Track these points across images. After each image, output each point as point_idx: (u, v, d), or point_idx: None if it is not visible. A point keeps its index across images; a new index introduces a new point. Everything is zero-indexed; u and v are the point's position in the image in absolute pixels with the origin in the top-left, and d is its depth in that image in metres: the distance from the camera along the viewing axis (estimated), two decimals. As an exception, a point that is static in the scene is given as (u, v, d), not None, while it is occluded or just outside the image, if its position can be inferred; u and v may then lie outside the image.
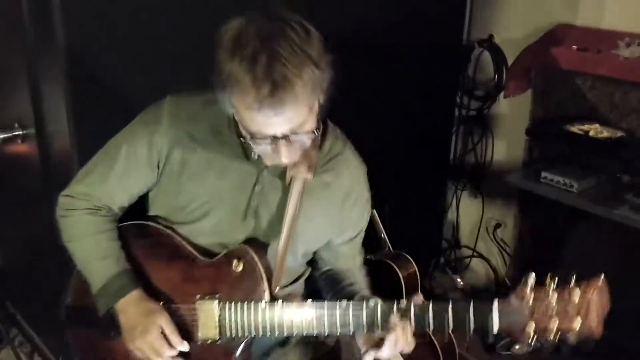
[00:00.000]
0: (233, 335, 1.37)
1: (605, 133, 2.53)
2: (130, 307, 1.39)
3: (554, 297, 1.19)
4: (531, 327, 1.20)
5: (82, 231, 1.45)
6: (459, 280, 3.55)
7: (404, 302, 1.30)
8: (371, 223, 2.61)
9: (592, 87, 2.71)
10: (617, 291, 2.62)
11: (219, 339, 1.38)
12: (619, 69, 2.53)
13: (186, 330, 1.40)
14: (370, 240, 2.54)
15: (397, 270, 2.49)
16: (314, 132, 1.24)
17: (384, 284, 2.49)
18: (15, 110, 2.34)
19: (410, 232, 3.13)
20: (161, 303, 1.41)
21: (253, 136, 1.22)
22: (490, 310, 1.22)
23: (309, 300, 1.34)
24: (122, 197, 1.47)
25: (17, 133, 2.27)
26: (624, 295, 2.64)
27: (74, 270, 1.52)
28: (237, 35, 1.17)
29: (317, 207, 1.44)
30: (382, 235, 2.59)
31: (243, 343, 1.38)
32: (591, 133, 2.53)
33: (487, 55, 3.19)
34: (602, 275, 1.20)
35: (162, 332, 1.37)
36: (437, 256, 3.64)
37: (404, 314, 1.28)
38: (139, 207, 1.52)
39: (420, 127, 3.14)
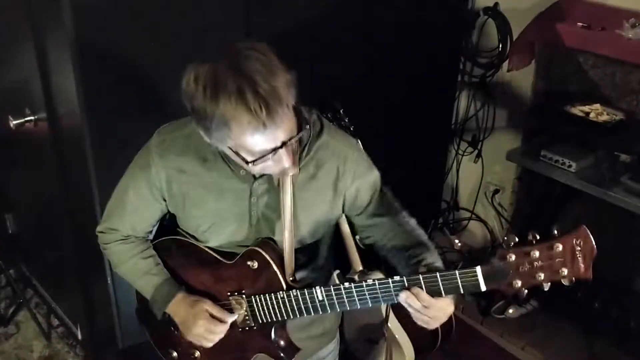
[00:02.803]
0: (265, 321, 1.56)
1: (605, 115, 2.58)
2: (179, 307, 1.60)
3: (535, 253, 1.24)
4: (517, 284, 1.27)
5: (120, 258, 1.65)
6: (456, 241, 3.67)
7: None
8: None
9: (594, 66, 2.74)
10: (609, 268, 2.76)
11: (254, 325, 1.58)
12: (621, 49, 2.54)
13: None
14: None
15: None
16: (302, 130, 1.36)
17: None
18: (26, 96, 2.37)
19: (411, 193, 3.21)
20: None
21: (256, 158, 1.32)
22: (475, 277, 1.31)
23: (317, 287, 1.48)
24: (142, 226, 1.64)
25: (29, 118, 2.31)
26: (615, 272, 2.79)
27: None
28: (211, 79, 1.24)
29: (310, 198, 1.53)
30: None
31: (274, 325, 1.58)
32: (591, 115, 2.58)
33: (491, 24, 3.18)
34: (584, 226, 1.25)
35: (210, 315, 1.56)
36: (436, 217, 3.75)
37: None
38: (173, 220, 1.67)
39: (424, 91, 3.17)
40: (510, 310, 3.14)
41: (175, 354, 1.72)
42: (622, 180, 2.45)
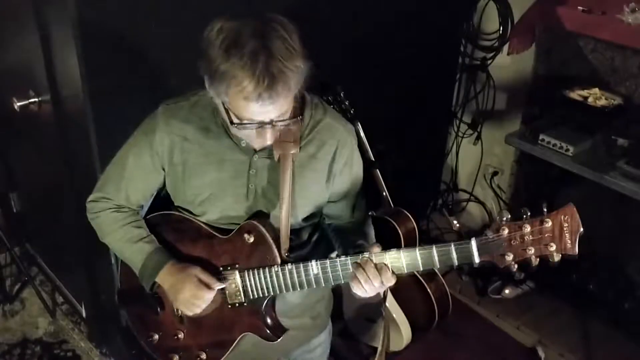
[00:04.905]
0: (256, 297, 1.58)
1: (603, 100, 2.60)
2: (168, 275, 1.60)
3: (527, 228, 1.31)
4: (510, 257, 1.34)
5: (111, 226, 1.65)
6: (455, 222, 3.70)
7: (366, 254, 1.47)
8: (373, 182, 2.73)
9: (594, 50, 2.75)
10: (604, 250, 2.80)
11: (245, 301, 1.59)
12: (621, 34, 2.56)
13: (217, 298, 1.61)
14: (372, 197, 2.70)
15: (397, 227, 2.62)
16: (295, 117, 1.41)
17: (385, 239, 2.64)
18: (29, 78, 2.39)
19: (411, 175, 3.26)
20: None
21: (242, 122, 1.37)
22: (470, 248, 1.37)
23: (313, 261, 1.52)
24: (136, 198, 1.65)
25: (33, 100, 2.33)
26: (610, 254, 2.83)
27: (120, 261, 1.75)
28: (233, 35, 1.28)
29: (308, 177, 1.57)
30: (384, 193, 2.71)
31: (265, 302, 1.60)
32: (590, 100, 2.59)
33: (493, 7, 3.19)
34: (571, 203, 1.32)
35: (199, 280, 1.57)
36: (435, 198, 3.79)
37: (363, 264, 1.46)
38: (165, 200, 1.69)
39: (425, 73, 3.19)
40: (507, 291, 3.18)
41: (156, 336, 1.73)
42: (618, 165, 2.47)
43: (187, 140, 1.53)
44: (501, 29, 3.18)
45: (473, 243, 1.36)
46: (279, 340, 1.63)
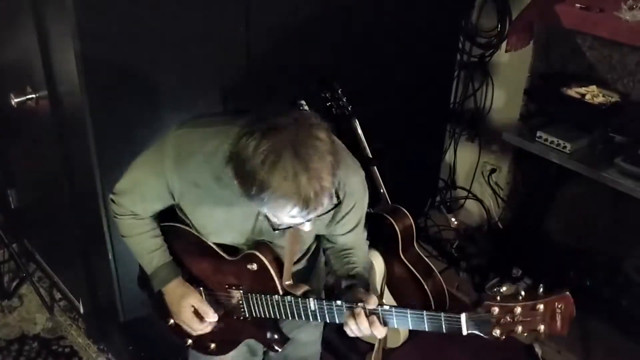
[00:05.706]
0: (258, 316, 1.69)
1: (601, 97, 2.60)
2: (172, 290, 1.73)
3: (518, 309, 1.35)
4: (497, 332, 1.38)
5: (130, 231, 1.74)
6: (453, 219, 3.72)
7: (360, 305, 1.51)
8: (371, 179, 2.73)
9: (592, 47, 2.75)
10: (601, 248, 2.80)
11: (248, 317, 1.72)
12: (618, 31, 2.56)
13: (225, 309, 1.74)
14: (370, 195, 2.70)
15: (394, 223, 2.63)
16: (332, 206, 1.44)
17: (382, 236, 2.65)
18: (27, 74, 2.39)
19: (409, 172, 3.26)
20: (200, 288, 1.75)
21: (280, 223, 1.40)
22: (459, 322, 1.41)
23: (311, 299, 1.58)
24: (152, 210, 1.71)
25: (30, 96, 2.34)
26: (607, 252, 2.83)
27: None
28: (274, 157, 1.26)
29: (315, 221, 1.59)
30: (382, 190, 2.71)
31: (268, 320, 1.69)
32: (587, 97, 2.59)
33: (491, 4, 3.19)
34: (567, 293, 1.34)
35: (195, 310, 1.71)
36: (434, 196, 3.79)
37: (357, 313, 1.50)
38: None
39: (423, 71, 3.19)
40: (504, 288, 3.18)
41: (172, 321, 1.82)
42: (616, 162, 2.47)
43: (198, 186, 1.54)
44: (499, 26, 3.19)
45: (463, 318, 1.40)
46: (280, 350, 1.74)
